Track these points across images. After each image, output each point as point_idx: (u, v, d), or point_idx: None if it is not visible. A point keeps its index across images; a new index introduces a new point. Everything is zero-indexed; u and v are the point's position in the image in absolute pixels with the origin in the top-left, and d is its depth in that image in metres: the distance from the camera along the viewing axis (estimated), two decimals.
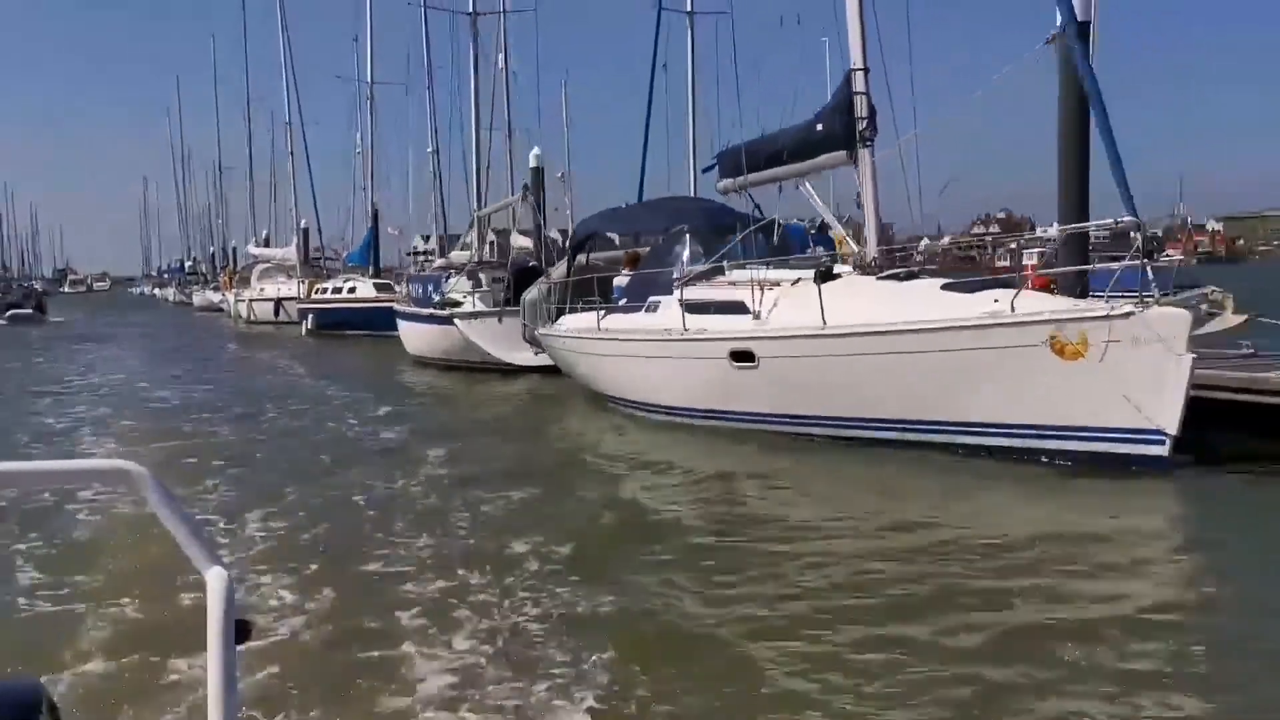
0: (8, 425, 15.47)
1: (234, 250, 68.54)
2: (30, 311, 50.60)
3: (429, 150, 38.34)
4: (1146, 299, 9.54)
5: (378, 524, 8.79)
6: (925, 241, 21.19)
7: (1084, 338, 9.74)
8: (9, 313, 49.39)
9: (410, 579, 7.05)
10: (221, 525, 8.69)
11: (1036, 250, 15.99)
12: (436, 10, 30.31)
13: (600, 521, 8.83)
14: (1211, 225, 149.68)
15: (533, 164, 32.11)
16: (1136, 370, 9.44)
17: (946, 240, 21.79)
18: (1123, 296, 9.89)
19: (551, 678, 5.21)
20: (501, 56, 33.57)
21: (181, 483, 10.52)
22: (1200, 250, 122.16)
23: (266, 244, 54.86)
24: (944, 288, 11.51)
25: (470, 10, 28.25)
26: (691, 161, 27.79)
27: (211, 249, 79.93)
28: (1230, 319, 9.53)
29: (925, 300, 11.15)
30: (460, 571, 7.17)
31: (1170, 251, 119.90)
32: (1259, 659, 5.41)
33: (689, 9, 29.43)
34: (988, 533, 8.03)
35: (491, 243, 28.87)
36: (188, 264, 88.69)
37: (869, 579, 6.91)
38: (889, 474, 10.37)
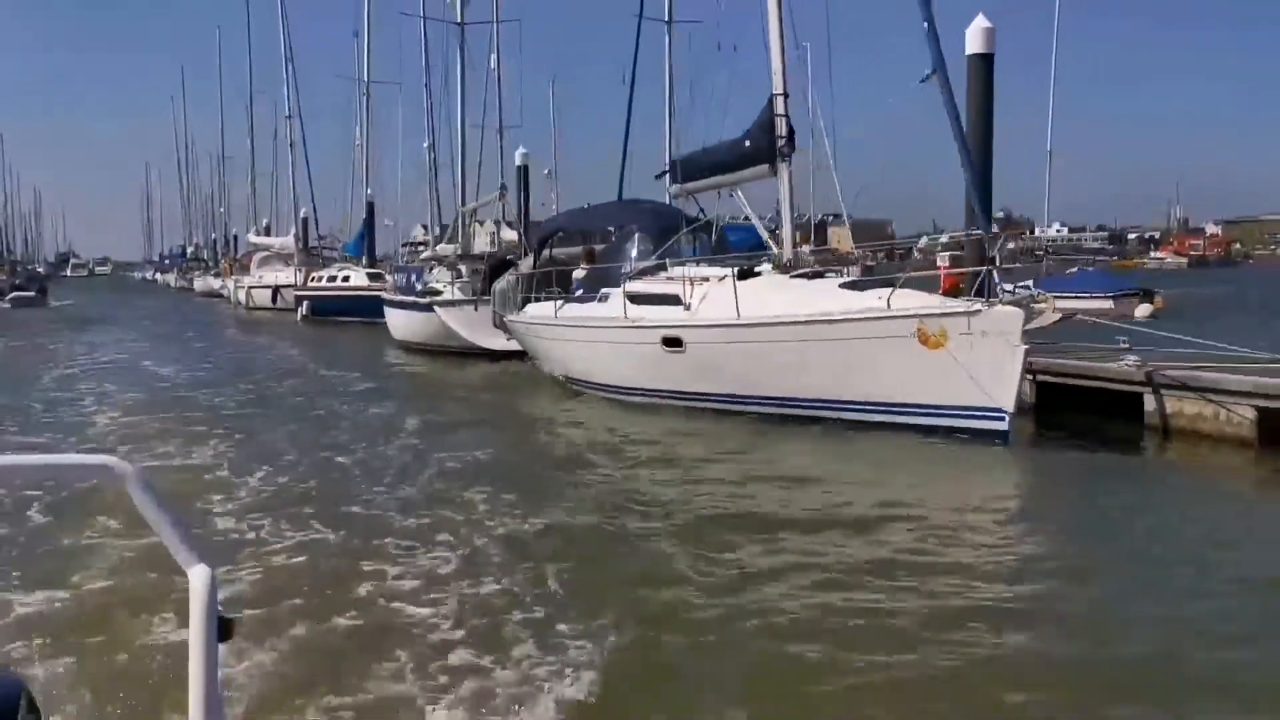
0: (24, 399, 17.31)
1: (235, 238, 70.35)
2: (33, 295, 51.50)
3: (425, 145, 40.15)
4: (991, 300, 11.47)
5: (361, 474, 10.70)
6: (924, 239, 22.99)
7: (944, 330, 11.65)
8: (11, 295, 50.30)
9: (389, 514, 8.89)
10: (227, 477, 10.52)
11: (950, 253, 17.86)
12: (427, 19, 32.23)
13: (545, 475, 10.72)
14: (1211, 228, 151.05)
15: (519, 162, 34.10)
16: (982, 358, 11.36)
17: (946, 237, 23.60)
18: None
19: (497, 574, 7.06)
20: (494, 56, 35.55)
21: (187, 444, 12.43)
22: (1193, 253, 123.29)
23: (267, 232, 56.63)
24: (841, 286, 13.42)
25: (459, 20, 30.11)
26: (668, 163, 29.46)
27: (214, 236, 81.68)
28: (1049, 317, 11.43)
29: (823, 296, 13.07)
30: (427, 508, 9.02)
31: (1162, 254, 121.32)
32: (1035, 549, 7.66)
33: (668, 18, 31.23)
34: (837, 478, 10.04)
35: (492, 234, 30.77)
36: (189, 250, 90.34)
37: (741, 501, 8.97)
38: (784, 441, 12.25)
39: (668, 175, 18.41)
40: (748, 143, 15.31)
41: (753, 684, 5.28)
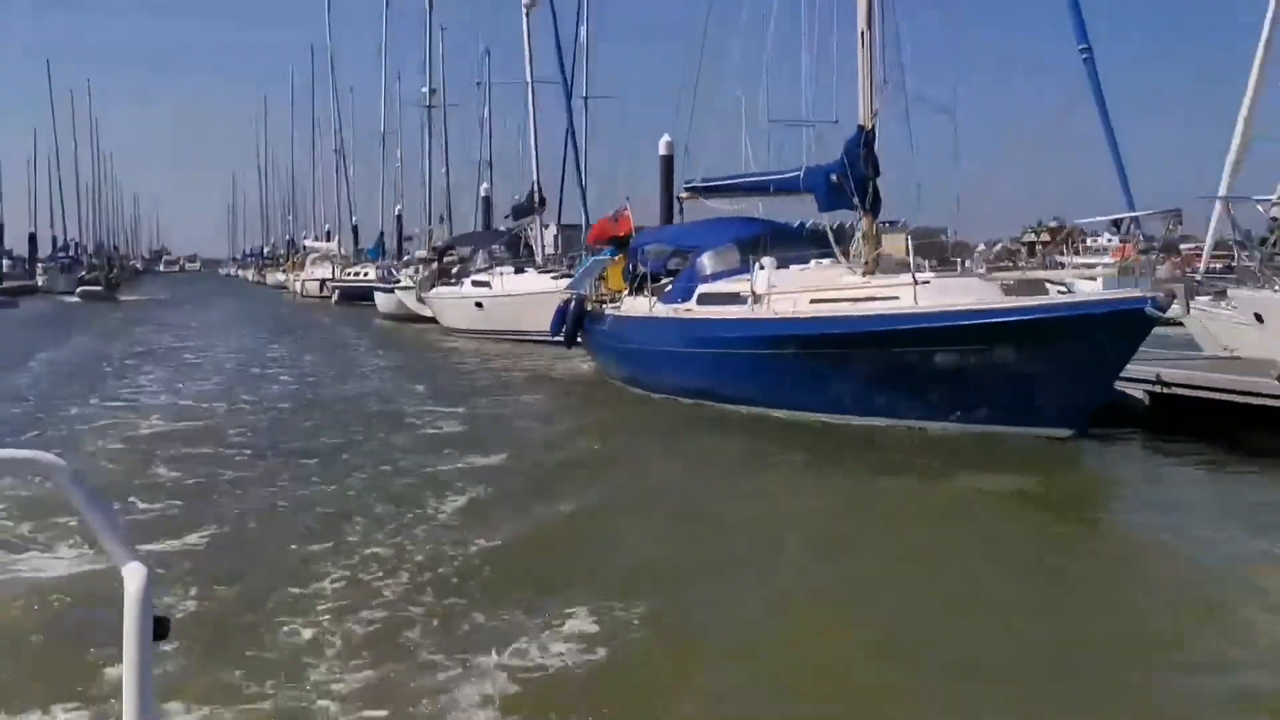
0: (151, 332, 32.39)
1: (303, 239, 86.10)
2: (100, 289, 55.60)
3: (442, 170, 55.01)
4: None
5: (344, 356, 25.40)
6: (982, 247, 35.23)
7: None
8: (80, 289, 54.53)
9: (351, 367, 23.30)
10: (277, 354, 25.21)
11: None
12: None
13: (457, 376, 25.06)
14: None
15: (482, 194, 48.78)
16: None
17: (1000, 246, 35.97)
18: None
19: (380, 368, 21.71)
20: (486, 109, 50.24)
21: (257, 347, 27.20)
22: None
23: (328, 237, 72.13)
24: (553, 278, 27.72)
25: (428, 104, 45.13)
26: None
27: (288, 237, 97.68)
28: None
29: (541, 282, 27.43)
30: (366, 363, 23.65)
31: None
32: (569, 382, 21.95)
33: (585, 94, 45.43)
34: (526, 356, 24.57)
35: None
36: (266, 249, 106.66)
37: (489, 363, 23.51)
38: (515, 348, 26.57)
39: (511, 214, 32.93)
40: (522, 200, 29.89)
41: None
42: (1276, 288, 8.90)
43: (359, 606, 6.62)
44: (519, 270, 28.95)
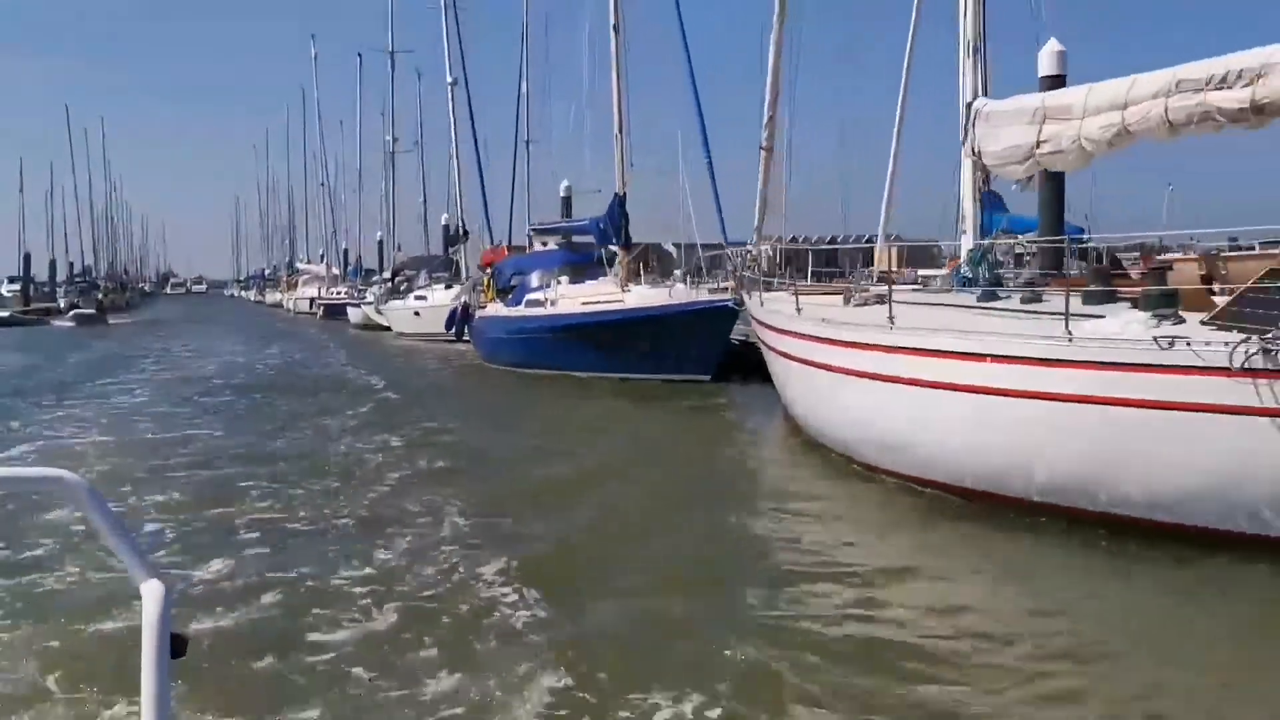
0: (166, 336, 41.14)
1: (299, 262, 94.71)
2: (92, 313, 58.50)
3: (420, 200, 63.78)
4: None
5: (321, 355, 34.26)
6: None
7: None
8: (73, 313, 58.16)
9: (325, 360, 32.08)
10: (267, 352, 33.94)
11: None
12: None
13: (389, 361, 33.80)
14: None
15: (444, 222, 57.53)
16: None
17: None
18: None
19: (336, 356, 30.41)
20: (453, 146, 58.84)
21: (253, 348, 35.90)
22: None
23: (322, 260, 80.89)
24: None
25: (390, 150, 53.90)
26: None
27: (288, 259, 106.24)
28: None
29: (451, 297, 36.10)
30: (340, 357, 32.38)
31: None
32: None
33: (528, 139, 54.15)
34: (462, 350, 33.34)
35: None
36: (267, 271, 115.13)
37: (426, 348, 32.26)
38: (437, 344, 35.17)
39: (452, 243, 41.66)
40: (454, 233, 38.54)
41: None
42: (752, 296, 17.27)
43: (316, 447, 15.40)
44: (448, 286, 37.63)
